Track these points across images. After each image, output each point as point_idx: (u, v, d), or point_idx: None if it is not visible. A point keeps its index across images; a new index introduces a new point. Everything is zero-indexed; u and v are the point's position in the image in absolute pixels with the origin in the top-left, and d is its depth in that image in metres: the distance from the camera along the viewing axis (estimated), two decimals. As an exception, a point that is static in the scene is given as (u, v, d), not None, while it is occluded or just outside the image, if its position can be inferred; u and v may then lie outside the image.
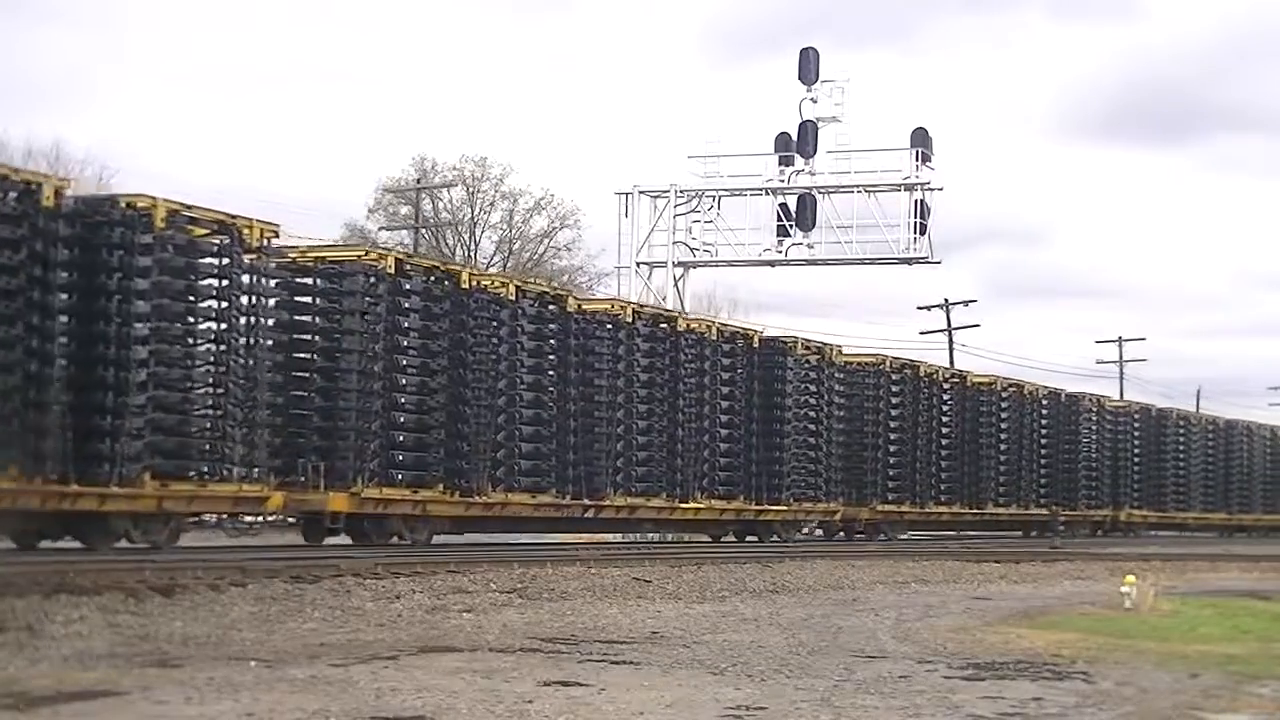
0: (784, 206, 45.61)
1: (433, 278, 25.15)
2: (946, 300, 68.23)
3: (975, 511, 41.28)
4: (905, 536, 38.96)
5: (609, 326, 29.08)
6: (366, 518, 24.20)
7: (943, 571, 25.17)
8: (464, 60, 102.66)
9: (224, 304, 21.08)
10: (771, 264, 46.91)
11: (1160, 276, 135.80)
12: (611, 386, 28.97)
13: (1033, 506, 43.67)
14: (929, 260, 45.49)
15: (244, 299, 21.27)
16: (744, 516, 33.43)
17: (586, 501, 28.42)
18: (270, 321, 22.48)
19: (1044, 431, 44.67)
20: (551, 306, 27.88)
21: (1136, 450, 49.61)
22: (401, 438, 24.59)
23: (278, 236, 22.09)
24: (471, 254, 63.39)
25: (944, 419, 40.13)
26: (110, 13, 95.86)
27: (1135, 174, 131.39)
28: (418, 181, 62.85)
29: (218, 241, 21.08)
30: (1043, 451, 44.47)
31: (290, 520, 24.80)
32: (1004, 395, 42.84)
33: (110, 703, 9.21)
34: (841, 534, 37.57)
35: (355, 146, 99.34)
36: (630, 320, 29.73)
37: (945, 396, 40.29)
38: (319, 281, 24.08)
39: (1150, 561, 29.77)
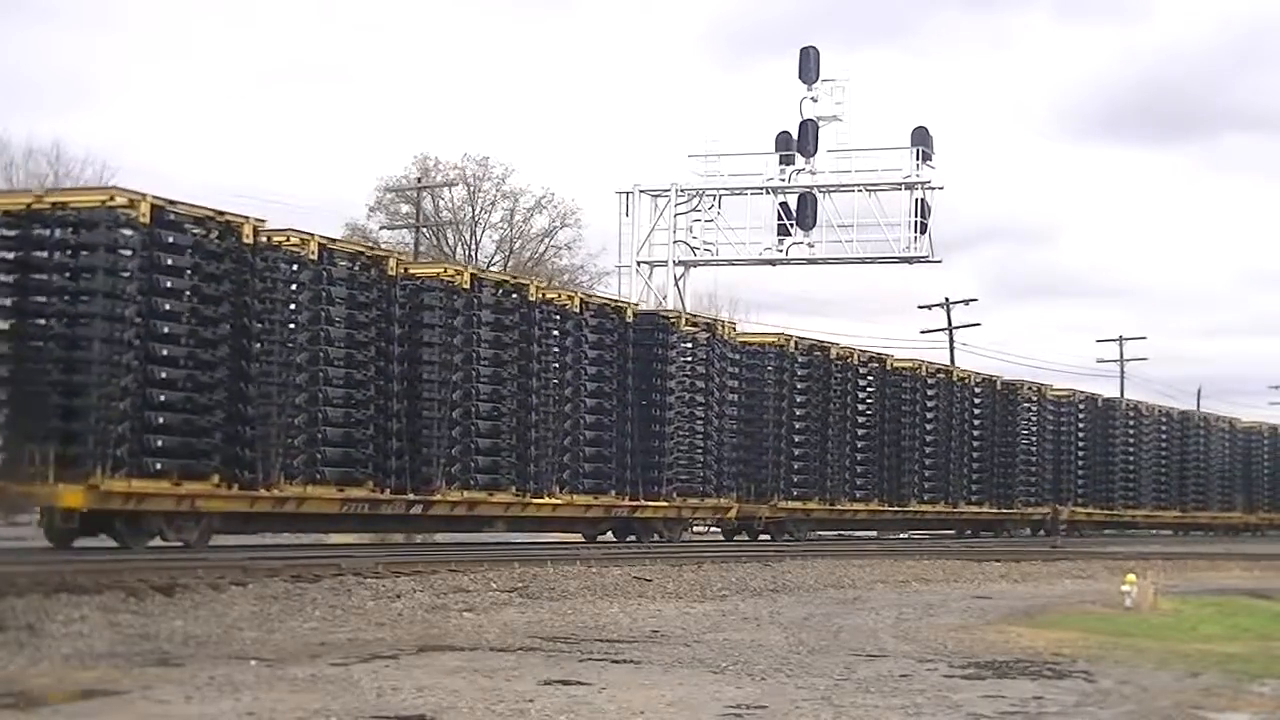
0: (784, 205, 45.63)
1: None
2: (947, 299, 68.30)
3: (897, 509, 37.74)
4: (814, 536, 35.51)
5: (441, 294, 25.11)
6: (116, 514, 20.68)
7: (943, 570, 25.16)
8: (465, 60, 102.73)
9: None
10: (772, 263, 46.91)
11: (1161, 276, 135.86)
12: (445, 363, 25.05)
13: (963, 504, 40.23)
14: (929, 259, 45.52)
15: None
16: (616, 513, 29.62)
17: (412, 496, 24.62)
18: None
19: (976, 422, 41.00)
20: (372, 270, 24.13)
21: (1081, 443, 46.12)
22: (162, 418, 20.69)
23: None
24: (472, 253, 63.39)
25: (861, 407, 36.49)
26: (110, 12, 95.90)
27: (1137, 174, 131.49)
28: (419, 180, 62.81)
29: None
30: (975, 444, 40.88)
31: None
32: (930, 382, 39.27)
33: (111, 702, 9.21)
34: (744, 534, 34.48)
35: (356, 146, 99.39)
36: (469, 286, 25.75)
37: (862, 382, 36.62)
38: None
39: (1150, 560, 29.80)
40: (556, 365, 27.65)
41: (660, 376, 30.17)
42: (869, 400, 36.81)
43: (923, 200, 44.57)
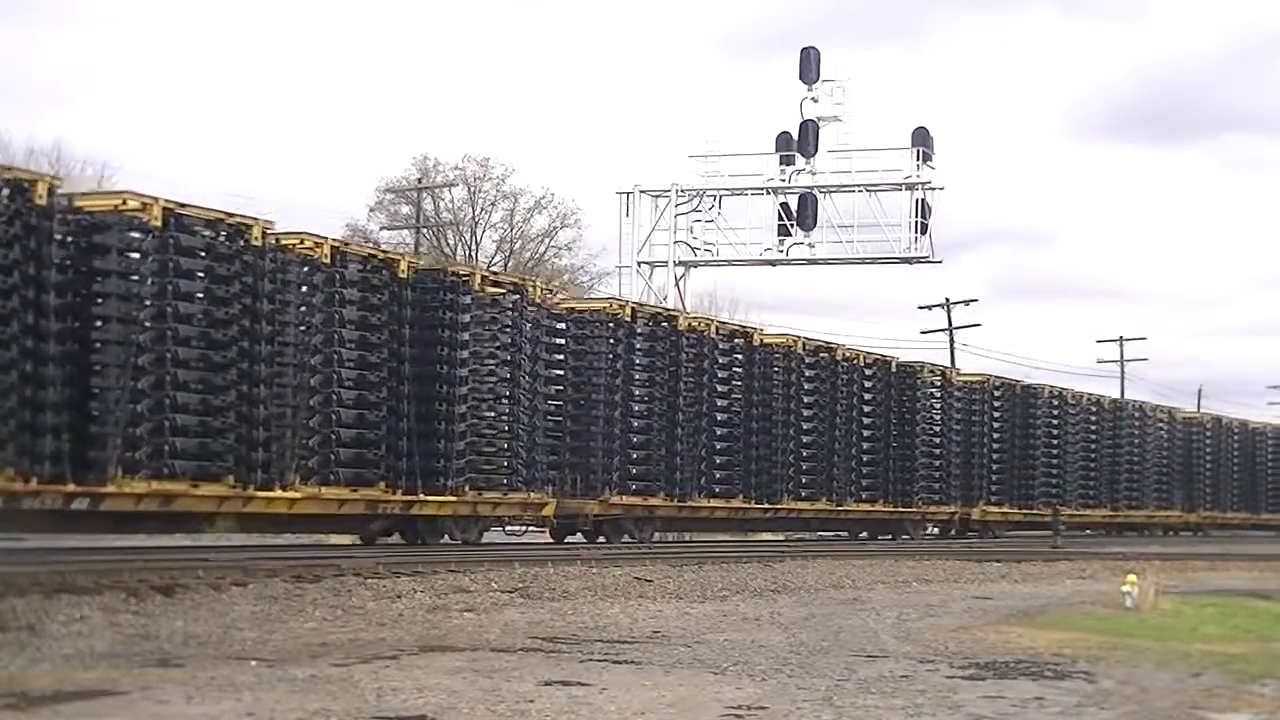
0: (785, 206, 45.68)
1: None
2: (947, 300, 68.30)
3: (765, 507, 32.47)
4: (657, 538, 31.23)
5: (116, 228, 19.84)
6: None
7: (944, 571, 25.16)
8: (465, 60, 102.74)
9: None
10: (772, 263, 46.94)
11: (1162, 276, 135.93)
12: (125, 316, 19.77)
13: (849, 501, 35.12)
14: (930, 260, 45.62)
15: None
16: (386, 510, 24.10)
17: (73, 488, 18.87)
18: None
19: (866, 409, 35.75)
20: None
21: (996, 434, 40.89)
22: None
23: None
24: (472, 254, 63.40)
25: (721, 389, 31.29)
26: (110, 12, 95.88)
27: (1139, 175, 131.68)
28: (419, 181, 62.85)
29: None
30: (865, 434, 35.66)
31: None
32: (808, 361, 33.53)
33: (111, 702, 9.20)
34: (579, 536, 29.43)
35: (356, 146, 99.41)
36: (160, 222, 20.07)
37: (722, 359, 31.37)
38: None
39: (1151, 561, 29.82)
40: (293, 330, 21.92)
41: (447, 345, 24.61)
42: (734, 382, 31.69)
43: (923, 200, 44.64)
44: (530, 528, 29.37)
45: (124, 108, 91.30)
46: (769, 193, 45.84)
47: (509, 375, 25.82)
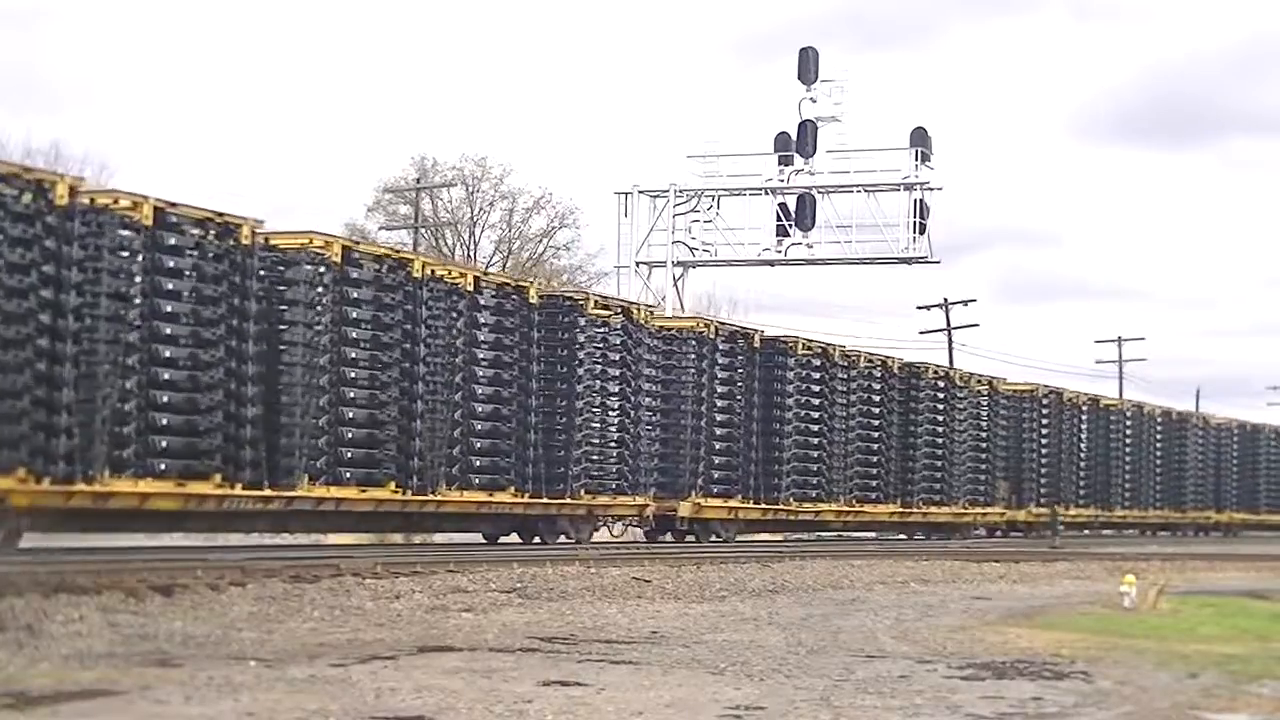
0: (783, 206, 45.69)
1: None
2: (946, 300, 68.34)
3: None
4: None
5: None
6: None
7: (942, 571, 25.16)
8: (463, 60, 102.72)
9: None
10: (771, 264, 46.96)
11: (1162, 276, 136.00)
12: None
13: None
14: (928, 260, 45.64)
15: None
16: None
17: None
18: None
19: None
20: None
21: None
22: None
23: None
24: (470, 254, 63.41)
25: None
26: (109, 12, 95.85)
27: (1141, 176, 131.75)
28: (417, 181, 62.85)
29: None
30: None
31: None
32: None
33: (110, 702, 9.20)
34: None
35: (355, 146, 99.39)
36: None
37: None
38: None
39: (1150, 561, 29.85)
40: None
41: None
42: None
43: (921, 201, 44.66)
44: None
45: (122, 109, 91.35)
46: (767, 193, 45.85)
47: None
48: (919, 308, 69.02)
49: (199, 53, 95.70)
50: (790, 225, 45.49)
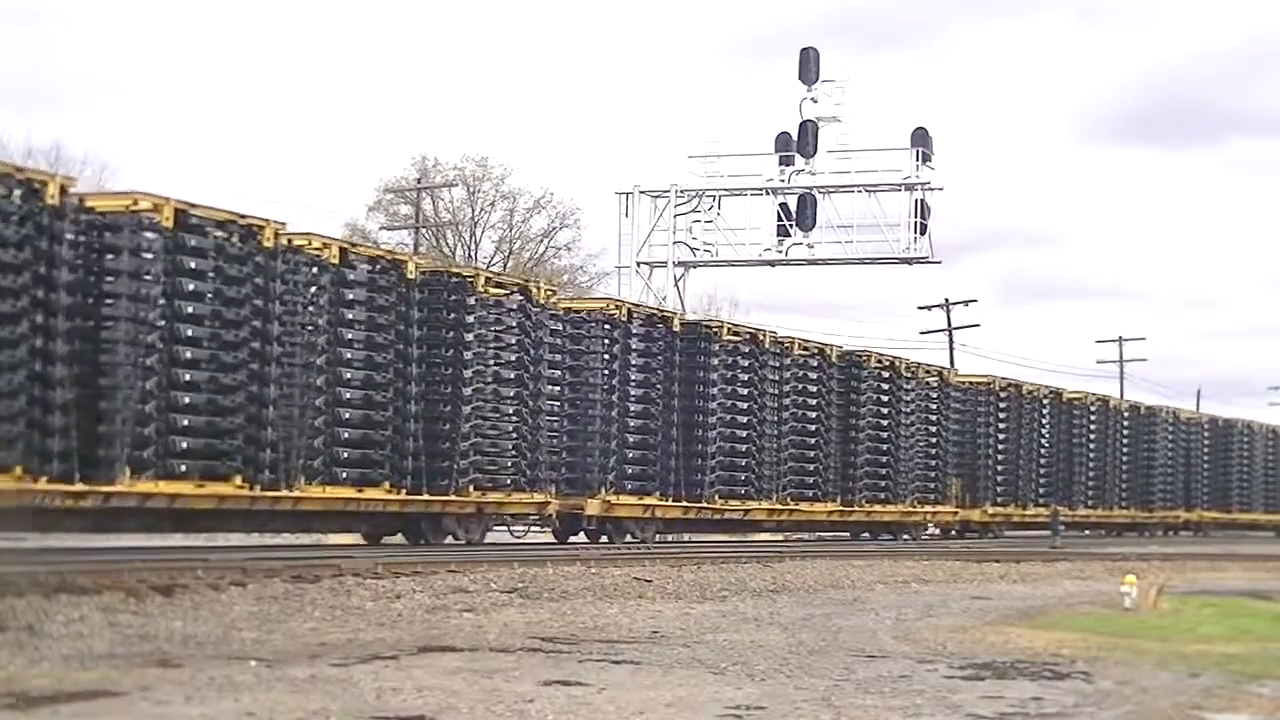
0: (784, 206, 45.70)
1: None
2: (947, 300, 68.33)
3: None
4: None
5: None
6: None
7: (943, 571, 25.17)
8: (464, 60, 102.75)
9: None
10: (772, 264, 46.96)
11: (1163, 276, 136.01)
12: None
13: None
14: (929, 260, 45.65)
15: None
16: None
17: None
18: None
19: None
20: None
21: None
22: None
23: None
24: (472, 254, 63.42)
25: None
26: (111, 12, 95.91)
27: (1142, 177, 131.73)
28: (418, 181, 62.85)
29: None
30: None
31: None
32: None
33: (110, 702, 9.21)
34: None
35: (355, 146, 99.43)
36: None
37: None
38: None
39: (1150, 561, 29.84)
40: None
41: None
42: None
43: (922, 201, 44.67)
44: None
45: (124, 108, 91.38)
46: (768, 193, 45.86)
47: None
48: (920, 308, 69.09)
49: (200, 52, 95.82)
50: (791, 225, 45.50)
